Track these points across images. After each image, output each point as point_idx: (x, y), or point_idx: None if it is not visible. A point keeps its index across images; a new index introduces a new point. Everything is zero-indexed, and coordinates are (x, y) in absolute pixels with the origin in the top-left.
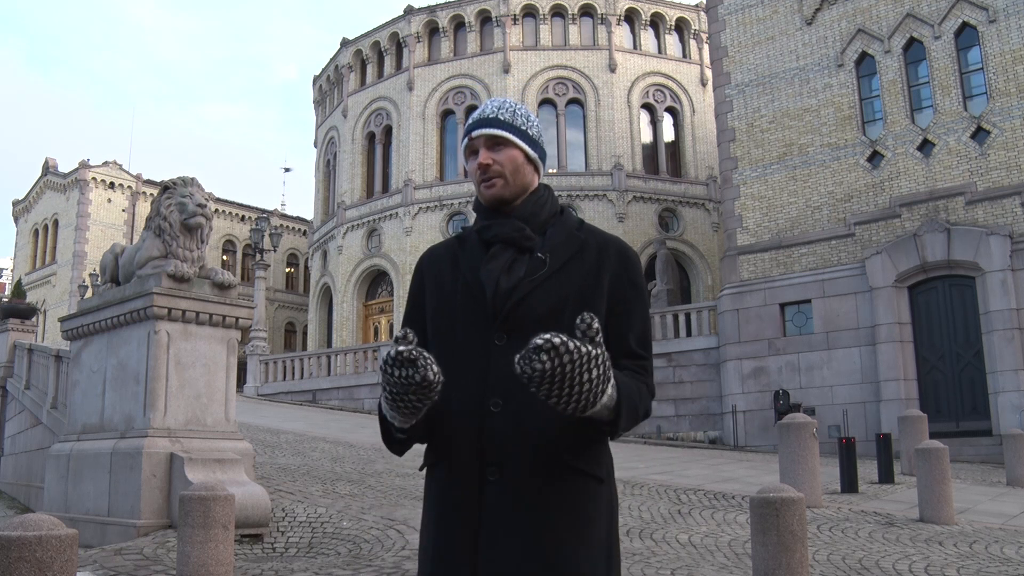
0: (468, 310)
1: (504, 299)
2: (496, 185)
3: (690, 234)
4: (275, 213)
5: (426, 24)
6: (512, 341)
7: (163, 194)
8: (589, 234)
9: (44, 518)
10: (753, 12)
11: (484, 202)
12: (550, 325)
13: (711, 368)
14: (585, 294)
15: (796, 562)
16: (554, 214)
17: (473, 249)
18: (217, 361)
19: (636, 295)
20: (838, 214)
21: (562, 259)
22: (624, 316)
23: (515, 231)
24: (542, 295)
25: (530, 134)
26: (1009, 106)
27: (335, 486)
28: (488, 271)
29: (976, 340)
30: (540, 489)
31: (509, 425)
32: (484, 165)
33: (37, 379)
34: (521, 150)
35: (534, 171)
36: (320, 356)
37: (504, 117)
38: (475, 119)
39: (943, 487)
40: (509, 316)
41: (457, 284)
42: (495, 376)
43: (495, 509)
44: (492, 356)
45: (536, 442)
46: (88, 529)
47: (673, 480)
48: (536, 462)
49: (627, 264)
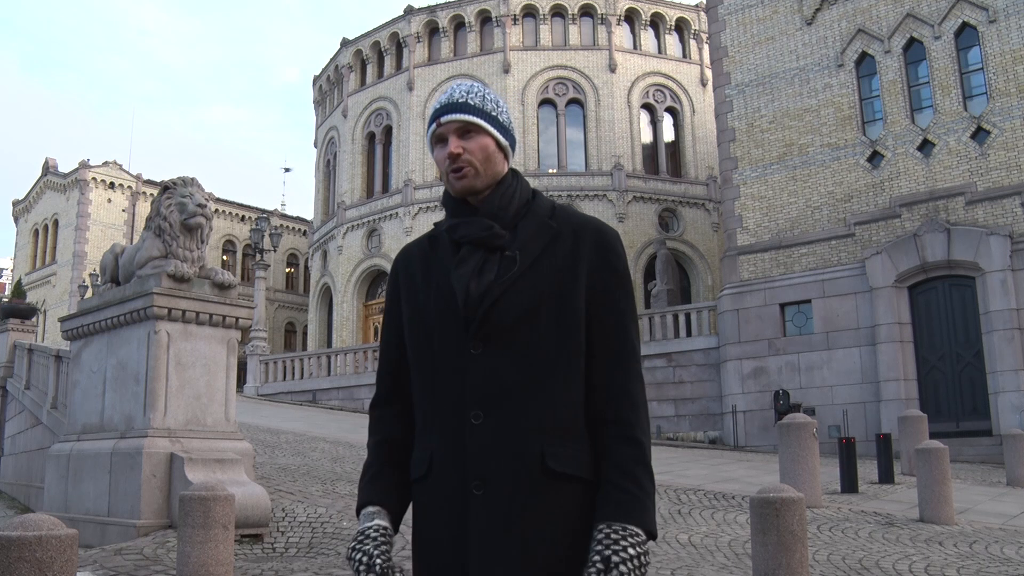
0: (442, 318)
1: (475, 305)
2: (467, 176)
3: (690, 234)
4: (275, 213)
5: (426, 24)
6: (488, 348)
7: (163, 194)
8: (563, 221)
9: (44, 518)
10: (753, 12)
11: (454, 193)
12: (525, 327)
13: (711, 368)
14: (562, 290)
15: (796, 562)
16: (525, 203)
17: (444, 250)
18: (217, 361)
19: (617, 282)
20: (838, 214)
21: (534, 254)
22: (606, 308)
23: (483, 231)
24: (515, 297)
25: (500, 120)
26: (1009, 106)
27: (335, 486)
28: (458, 276)
29: (976, 340)
30: (526, 500)
31: (491, 437)
32: (454, 154)
33: (37, 379)
34: (492, 137)
35: (504, 158)
36: (320, 356)
37: (474, 102)
38: (443, 103)
39: (943, 487)
40: (482, 322)
41: (430, 291)
42: (473, 387)
43: (481, 523)
44: (469, 366)
45: (519, 452)
46: (88, 529)
47: (673, 480)
48: (520, 473)
49: (606, 250)
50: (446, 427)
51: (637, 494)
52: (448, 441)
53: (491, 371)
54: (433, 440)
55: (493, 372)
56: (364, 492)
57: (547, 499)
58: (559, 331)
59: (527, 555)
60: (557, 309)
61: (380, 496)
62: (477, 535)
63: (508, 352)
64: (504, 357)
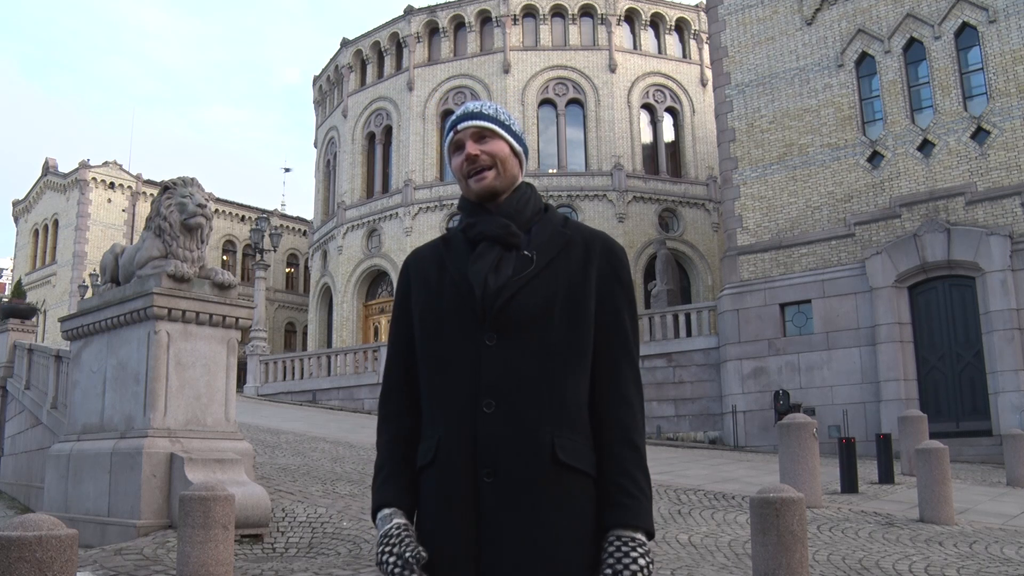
0: (457, 310)
1: (493, 298)
2: (487, 177)
3: (690, 234)
4: (275, 213)
5: (426, 24)
6: (503, 340)
7: (163, 194)
8: (574, 231)
9: (44, 518)
10: (753, 12)
11: (474, 196)
12: (540, 323)
13: (711, 368)
14: (573, 291)
15: (796, 562)
16: (538, 211)
17: (459, 248)
18: (217, 361)
19: (623, 291)
20: (838, 214)
21: (549, 256)
22: (610, 315)
23: (501, 228)
24: (531, 293)
25: (513, 129)
26: (1009, 106)
27: (335, 486)
28: (475, 270)
29: (976, 340)
30: (535, 489)
31: (502, 426)
32: (472, 156)
33: (37, 379)
34: (507, 142)
35: (518, 165)
36: (320, 356)
37: (488, 112)
38: (459, 115)
39: (943, 487)
40: (499, 315)
41: (444, 284)
42: (487, 377)
43: (491, 511)
44: (483, 356)
45: (530, 442)
46: (88, 529)
47: (673, 480)
48: (530, 462)
49: (613, 260)
50: (456, 415)
51: (639, 497)
52: (456, 429)
53: (505, 362)
54: (440, 428)
55: (507, 363)
56: (378, 494)
57: (556, 489)
58: (570, 330)
59: (538, 543)
60: (569, 309)
61: (394, 497)
62: (488, 522)
63: (522, 345)
64: (518, 349)
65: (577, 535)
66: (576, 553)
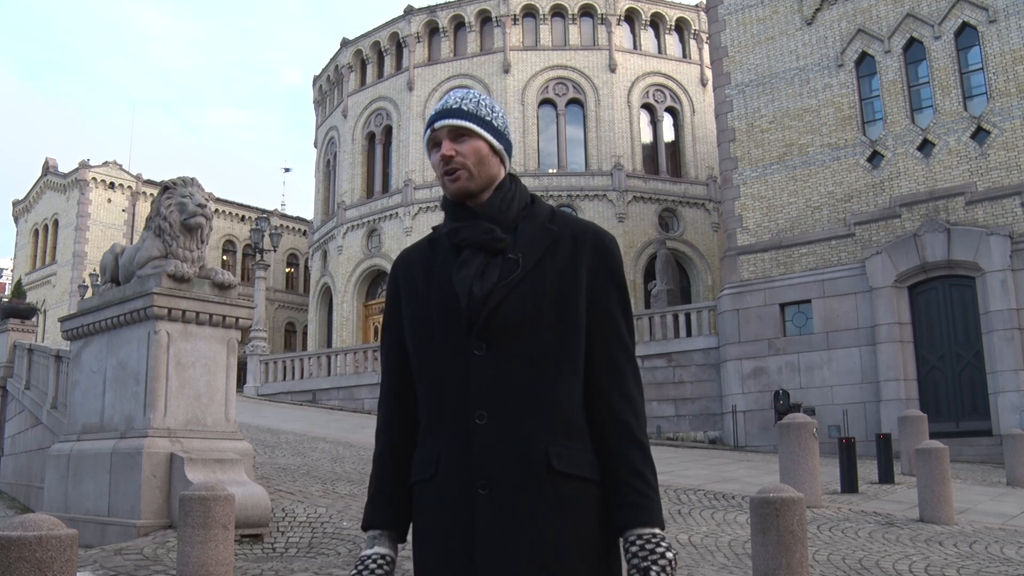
0: (445, 320)
1: (479, 307)
2: (461, 178)
3: (690, 234)
4: (275, 213)
5: (426, 24)
6: (492, 350)
7: (163, 194)
8: (562, 225)
9: (44, 518)
10: (753, 12)
11: (450, 196)
12: (529, 328)
13: (711, 368)
14: (563, 291)
15: (796, 562)
16: (524, 207)
17: (445, 254)
18: (217, 361)
19: (614, 286)
20: (838, 214)
21: (535, 257)
22: (603, 311)
23: (484, 234)
24: (518, 298)
25: (495, 124)
26: (1009, 106)
27: (335, 486)
28: (460, 278)
29: (976, 340)
30: (531, 500)
31: (495, 437)
32: (447, 156)
33: (37, 379)
34: (485, 141)
35: (500, 163)
36: (320, 356)
37: (467, 108)
38: (437, 110)
39: (943, 487)
40: (486, 324)
41: (431, 293)
42: (477, 387)
43: (487, 524)
44: (472, 367)
45: (524, 452)
46: (88, 529)
47: (673, 480)
48: (525, 473)
49: (604, 253)
50: (451, 428)
51: (651, 495)
52: (453, 442)
53: (494, 372)
54: (439, 442)
55: (496, 373)
56: (367, 512)
57: (553, 499)
58: (561, 332)
59: (534, 555)
60: (559, 311)
61: (382, 517)
62: (483, 535)
63: (511, 353)
64: (507, 358)
65: (577, 542)
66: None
